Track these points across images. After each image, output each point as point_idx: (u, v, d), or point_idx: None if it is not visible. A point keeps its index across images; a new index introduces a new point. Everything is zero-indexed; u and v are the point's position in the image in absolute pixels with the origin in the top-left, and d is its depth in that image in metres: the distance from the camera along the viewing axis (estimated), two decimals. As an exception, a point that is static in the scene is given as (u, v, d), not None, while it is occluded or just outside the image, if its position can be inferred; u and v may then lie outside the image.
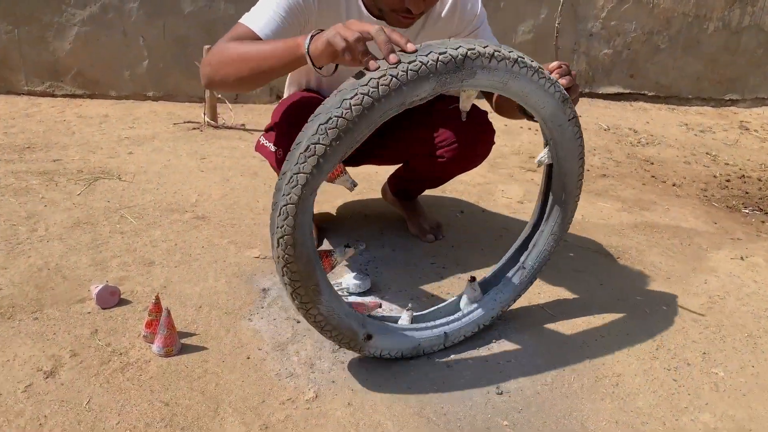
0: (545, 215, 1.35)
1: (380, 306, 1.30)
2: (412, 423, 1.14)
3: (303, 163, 1.01)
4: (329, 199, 2.07)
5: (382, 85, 0.98)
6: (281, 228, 1.04)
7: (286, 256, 1.06)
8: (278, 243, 1.06)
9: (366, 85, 0.98)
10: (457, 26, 1.49)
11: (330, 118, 0.99)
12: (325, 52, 1.05)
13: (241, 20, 1.30)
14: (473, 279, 1.36)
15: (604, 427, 1.16)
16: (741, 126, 3.41)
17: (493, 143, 1.66)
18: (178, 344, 1.28)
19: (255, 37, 1.25)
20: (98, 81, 3.01)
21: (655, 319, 1.51)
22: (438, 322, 1.34)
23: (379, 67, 0.99)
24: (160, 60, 3.01)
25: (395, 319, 1.33)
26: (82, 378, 1.18)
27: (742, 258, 1.88)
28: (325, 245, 1.20)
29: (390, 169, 1.91)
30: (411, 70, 0.98)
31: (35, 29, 2.89)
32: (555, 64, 1.21)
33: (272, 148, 1.50)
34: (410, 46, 1.00)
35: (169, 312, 1.26)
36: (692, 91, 3.67)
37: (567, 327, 1.46)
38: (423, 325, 1.32)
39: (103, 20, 2.92)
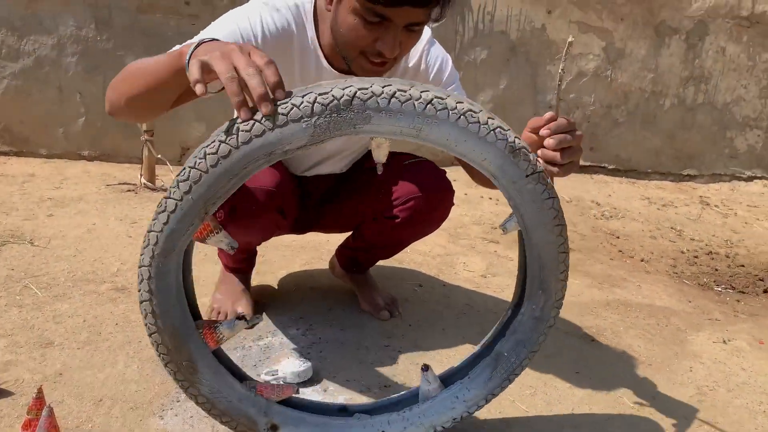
0: (524, 294, 1.11)
1: (297, 392, 1.06)
2: None
3: (154, 220, 0.86)
4: (272, 269, 1.85)
5: (242, 131, 0.82)
6: (140, 294, 0.91)
7: (148, 325, 0.93)
8: (141, 310, 0.92)
9: (225, 131, 0.83)
10: (425, 81, 1.33)
11: (183, 169, 0.84)
12: (219, 68, 0.83)
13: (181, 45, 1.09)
14: (426, 368, 1.11)
15: None
16: (701, 201, 3.37)
17: (453, 204, 1.47)
18: (61, 453, 1.01)
19: None
20: (27, 138, 2.77)
21: (641, 417, 1.31)
22: (377, 418, 1.10)
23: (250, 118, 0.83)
24: (98, 118, 2.79)
25: (320, 407, 1.09)
26: None
27: (724, 341, 1.72)
28: (236, 323, 0.99)
29: (339, 238, 1.71)
30: (280, 113, 0.81)
31: (-40, 81, 2.66)
32: (548, 115, 1.00)
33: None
34: (279, 93, 0.82)
35: (51, 411, 0.99)
36: (651, 165, 3.65)
37: (543, 424, 1.24)
38: (355, 419, 1.09)
39: (37, 74, 2.71)
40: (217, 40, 0.93)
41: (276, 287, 1.75)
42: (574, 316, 1.77)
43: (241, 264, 1.58)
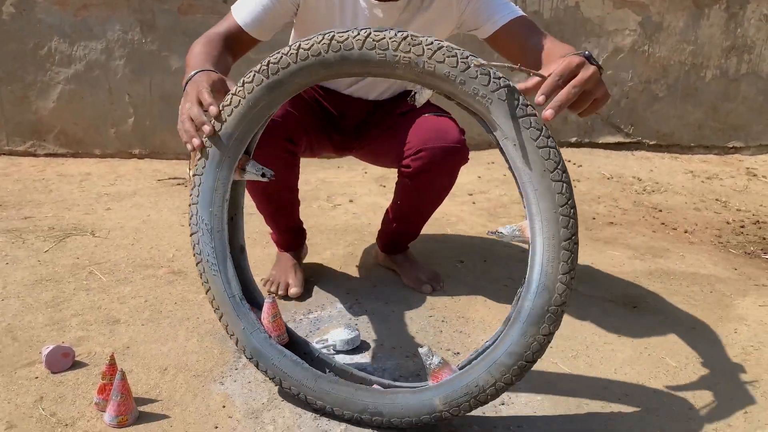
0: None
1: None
2: (408, 504, 0.95)
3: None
4: (318, 251, 1.92)
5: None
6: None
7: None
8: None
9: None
10: (456, 6, 1.40)
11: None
12: (179, 127, 1.14)
13: (233, 6, 1.35)
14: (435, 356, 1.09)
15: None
16: (748, 172, 3.30)
17: (465, 159, 1.47)
18: (134, 412, 1.10)
19: (238, 28, 1.33)
20: (82, 140, 2.92)
21: (685, 375, 1.33)
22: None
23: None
24: (146, 117, 2.93)
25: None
26: (14, 456, 0.99)
27: (771, 305, 1.71)
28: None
29: (379, 223, 1.76)
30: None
31: (18, 88, 2.82)
32: (533, 81, 0.97)
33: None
34: (212, 109, 1.06)
35: (123, 374, 1.08)
36: (694, 139, 3.58)
37: (584, 386, 1.27)
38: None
39: (88, 78, 2.85)
40: (205, 71, 1.15)
41: (323, 265, 1.82)
42: (615, 285, 1.79)
43: (290, 241, 1.68)
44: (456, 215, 2.36)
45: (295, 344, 1.18)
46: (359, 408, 1.07)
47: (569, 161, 3.24)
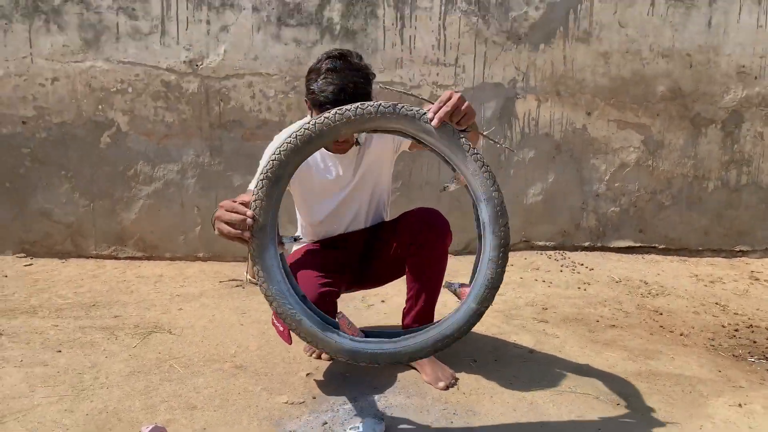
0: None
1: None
2: None
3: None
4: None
5: None
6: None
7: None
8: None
9: None
10: (388, 137, 2.00)
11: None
12: (218, 233, 1.65)
13: None
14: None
15: None
16: (752, 276, 3.56)
17: (449, 233, 2.01)
18: (213, 480, 1.47)
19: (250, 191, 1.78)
20: (156, 245, 3.43)
21: (649, 461, 1.63)
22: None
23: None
24: (210, 225, 3.43)
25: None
26: (131, 508, 1.37)
27: (740, 405, 1.98)
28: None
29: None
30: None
31: (107, 203, 3.38)
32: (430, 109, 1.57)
33: (280, 328, 1.92)
34: (249, 213, 1.55)
35: (207, 449, 1.46)
36: (702, 243, 3.88)
37: (563, 468, 1.59)
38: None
39: (165, 194, 3.39)
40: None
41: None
42: (603, 384, 2.10)
43: None
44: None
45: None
46: None
47: (582, 264, 3.59)
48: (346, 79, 1.76)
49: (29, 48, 3.23)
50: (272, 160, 1.56)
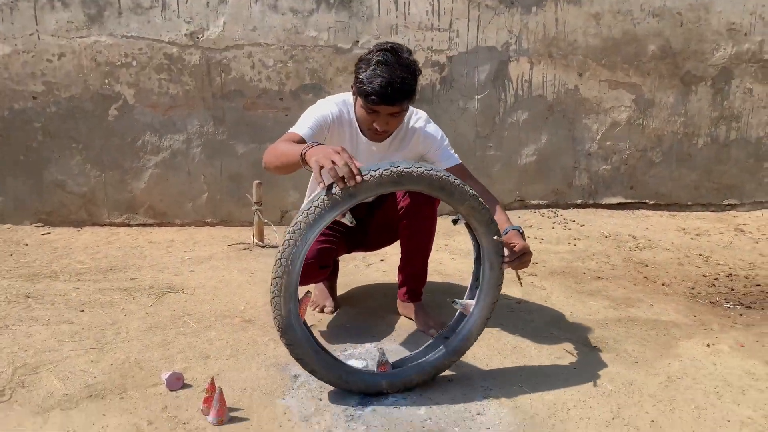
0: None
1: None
2: (404, 473, 1.46)
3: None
4: (352, 303, 2.47)
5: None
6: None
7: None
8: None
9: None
10: (422, 147, 2.11)
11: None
12: (311, 161, 1.61)
13: (291, 129, 1.97)
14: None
15: (557, 475, 1.46)
16: (737, 228, 3.70)
17: (436, 207, 2.18)
18: (227, 416, 1.66)
19: (297, 137, 1.89)
20: (166, 212, 3.60)
21: (617, 395, 1.80)
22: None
23: (323, 183, 1.57)
24: (217, 193, 3.59)
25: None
26: (155, 440, 1.56)
27: (708, 345, 2.15)
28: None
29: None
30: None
31: (117, 174, 3.54)
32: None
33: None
34: (358, 178, 1.54)
35: (221, 390, 1.65)
36: (691, 198, 4.01)
37: (539, 401, 1.77)
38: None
39: (172, 163, 3.55)
40: (320, 144, 1.70)
41: (358, 314, 2.37)
42: (583, 330, 2.27)
43: (324, 280, 2.39)
44: (468, 271, 2.87)
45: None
46: None
47: (574, 221, 3.74)
48: (395, 74, 1.84)
49: (35, 25, 3.35)
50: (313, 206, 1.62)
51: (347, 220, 1.66)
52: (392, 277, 2.75)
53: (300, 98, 3.52)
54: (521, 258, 1.82)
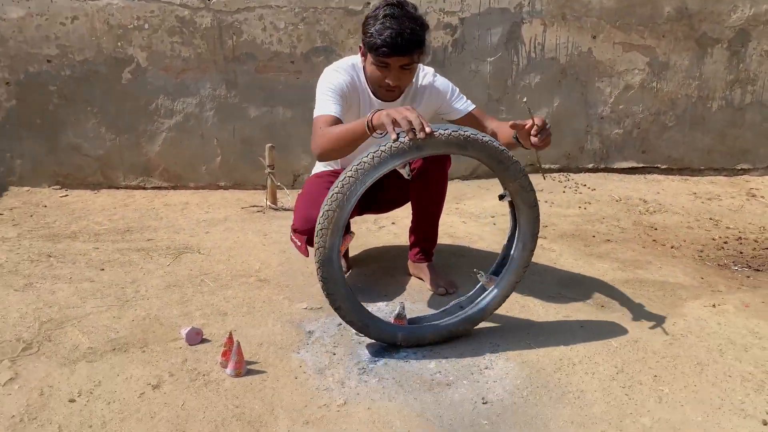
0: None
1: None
2: (415, 422, 1.53)
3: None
4: (366, 263, 2.52)
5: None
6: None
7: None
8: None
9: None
10: (435, 101, 2.14)
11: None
12: (382, 118, 1.64)
13: (316, 114, 1.94)
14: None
15: (561, 426, 1.52)
16: (749, 193, 3.70)
17: (448, 165, 2.21)
18: (245, 368, 1.73)
19: (333, 118, 1.89)
20: (180, 175, 3.65)
21: (622, 352, 1.85)
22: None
23: (397, 137, 1.61)
24: (230, 156, 3.63)
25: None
26: (177, 390, 1.64)
27: (714, 305, 2.19)
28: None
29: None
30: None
31: (132, 137, 3.58)
32: (528, 124, 1.82)
33: (298, 243, 2.10)
34: (427, 129, 1.59)
35: (239, 344, 1.72)
36: (704, 163, 4.00)
37: (546, 356, 1.82)
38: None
39: (186, 127, 3.58)
40: (382, 110, 1.69)
41: (369, 276, 2.42)
42: (591, 290, 2.31)
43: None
44: (478, 234, 2.92)
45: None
46: None
47: (585, 185, 3.75)
48: (404, 25, 1.86)
49: (48, -13, 3.35)
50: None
51: (405, 172, 1.72)
52: (403, 239, 2.80)
53: (311, 61, 3.52)
54: (545, 131, 1.83)
